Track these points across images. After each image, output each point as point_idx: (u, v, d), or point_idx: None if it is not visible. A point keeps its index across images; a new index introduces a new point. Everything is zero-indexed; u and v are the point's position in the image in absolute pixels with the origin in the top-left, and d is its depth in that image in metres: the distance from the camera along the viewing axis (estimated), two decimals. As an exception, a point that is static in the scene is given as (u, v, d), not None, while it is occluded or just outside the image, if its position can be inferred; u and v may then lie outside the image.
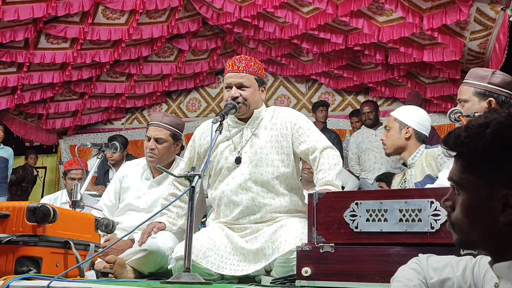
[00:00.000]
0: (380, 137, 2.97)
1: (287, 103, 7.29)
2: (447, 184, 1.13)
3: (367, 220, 1.81)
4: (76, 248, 1.99)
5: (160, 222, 2.58)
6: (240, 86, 2.44)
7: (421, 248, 1.60)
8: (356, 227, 1.82)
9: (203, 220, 3.58)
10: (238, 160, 2.44)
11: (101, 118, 7.75)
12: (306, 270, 1.82)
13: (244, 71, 2.45)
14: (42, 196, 7.51)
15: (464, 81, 2.49)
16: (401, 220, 1.76)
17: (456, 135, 1.07)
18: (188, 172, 1.95)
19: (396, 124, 2.86)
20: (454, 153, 1.09)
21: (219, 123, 2.26)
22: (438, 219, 1.72)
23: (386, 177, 4.78)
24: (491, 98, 2.35)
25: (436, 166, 2.69)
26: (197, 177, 1.91)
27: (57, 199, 4.57)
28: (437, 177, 2.55)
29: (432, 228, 1.72)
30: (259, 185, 2.40)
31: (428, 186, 2.47)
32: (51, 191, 7.72)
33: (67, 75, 6.24)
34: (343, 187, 4.91)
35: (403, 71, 5.94)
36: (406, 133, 2.83)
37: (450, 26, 4.65)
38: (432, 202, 1.74)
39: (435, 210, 1.73)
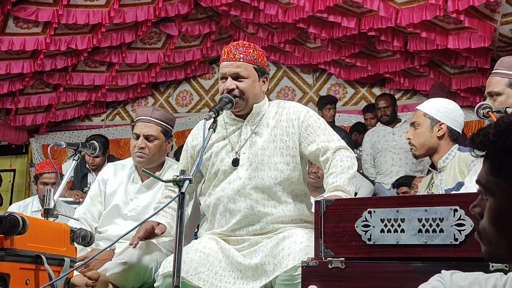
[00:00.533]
0: (406, 135, 2.90)
1: (292, 96, 7.29)
2: (474, 190, 1.13)
3: (382, 231, 1.81)
4: (49, 263, 1.99)
5: (160, 223, 2.55)
6: (236, 77, 2.44)
7: (444, 263, 1.60)
8: (369, 239, 1.82)
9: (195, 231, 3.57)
10: (235, 162, 2.44)
11: (78, 113, 7.75)
12: (313, 289, 1.83)
13: (242, 60, 2.44)
14: (10, 204, 7.50)
15: (494, 71, 2.49)
16: (420, 231, 1.76)
17: (484, 133, 1.07)
18: (177, 176, 1.95)
19: (427, 120, 2.78)
20: (482, 153, 1.09)
21: (212, 119, 2.26)
22: (463, 230, 1.71)
23: (407, 181, 4.77)
24: (528, 90, 2.36)
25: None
26: (187, 181, 1.90)
27: (27, 207, 4.57)
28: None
29: (456, 240, 1.72)
30: (259, 191, 2.40)
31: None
32: (21, 197, 7.71)
33: (39, 64, 6.23)
34: (355, 193, 4.92)
35: (424, 59, 5.94)
36: (439, 130, 2.76)
37: (479, 8, 4.65)
38: (456, 210, 1.73)
39: (459, 219, 1.72)
